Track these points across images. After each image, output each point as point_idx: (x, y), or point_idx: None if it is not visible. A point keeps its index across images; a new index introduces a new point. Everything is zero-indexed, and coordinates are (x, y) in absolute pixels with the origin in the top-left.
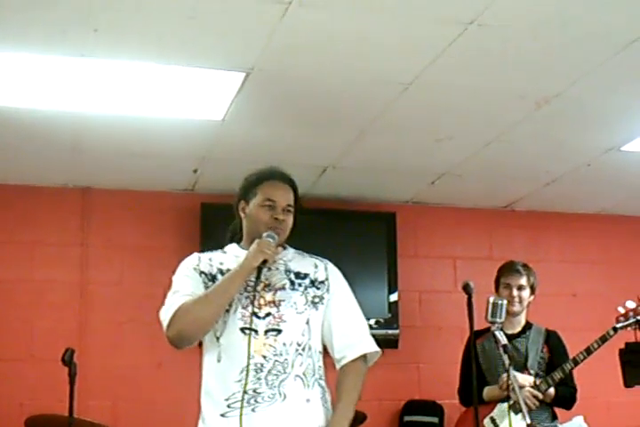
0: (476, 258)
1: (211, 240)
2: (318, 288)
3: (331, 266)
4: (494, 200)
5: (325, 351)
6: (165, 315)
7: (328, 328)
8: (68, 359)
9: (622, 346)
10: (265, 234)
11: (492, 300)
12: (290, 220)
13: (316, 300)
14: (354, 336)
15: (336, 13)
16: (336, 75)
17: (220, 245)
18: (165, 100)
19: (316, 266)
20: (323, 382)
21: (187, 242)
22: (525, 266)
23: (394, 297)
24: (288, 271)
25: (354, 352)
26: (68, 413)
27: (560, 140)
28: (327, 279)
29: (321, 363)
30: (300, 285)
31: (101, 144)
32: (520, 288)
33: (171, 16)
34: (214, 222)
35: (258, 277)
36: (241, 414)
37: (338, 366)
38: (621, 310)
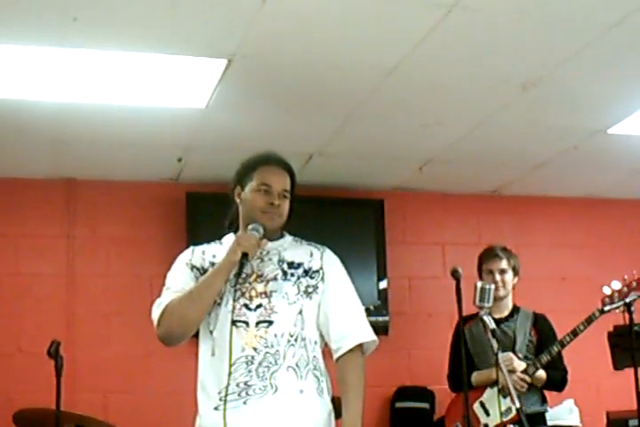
0: (464, 244)
1: (197, 230)
2: (312, 277)
3: (327, 254)
4: (482, 185)
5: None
6: (155, 313)
7: (324, 318)
8: (53, 352)
9: (611, 329)
10: (250, 227)
11: (479, 285)
12: (286, 205)
13: (310, 289)
14: (350, 326)
15: None
16: (319, 60)
17: (206, 234)
18: (147, 88)
19: (312, 254)
20: (318, 373)
21: (172, 232)
22: (504, 249)
23: (383, 284)
24: (281, 261)
25: (349, 342)
26: (56, 406)
27: (546, 123)
28: (322, 268)
29: (317, 353)
30: (292, 275)
31: (84, 134)
32: (502, 272)
33: (151, 3)
34: (200, 212)
35: (239, 273)
36: (225, 409)
37: (335, 357)
38: (607, 291)
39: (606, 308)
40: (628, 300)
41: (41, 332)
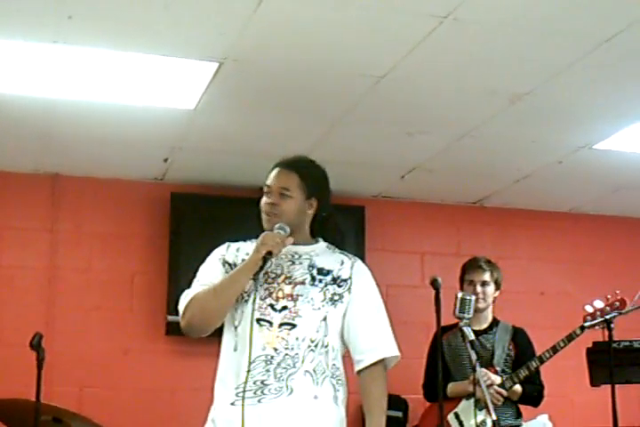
0: (443, 254)
1: (180, 229)
2: (340, 286)
3: (358, 264)
4: (464, 196)
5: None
6: (181, 304)
7: (348, 329)
8: (36, 344)
9: (590, 345)
10: (277, 225)
11: (460, 295)
12: (285, 203)
13: (336, 298)
14: (374, 340)
15: (310, 4)
16: (309, 66)
17: (189, 234)
18: (137, 88)
19: (342, 263)
20: (334, 381)
21: (156, 231)
22: (488, 262)
23: None
24: (311, 267)
25: (373, 356)
26: (35, 398)
27: (532, 137)
28: (350, 278)
29: (337, 361)
30: (320, 281)
31: (72, 131)
32: (484, 284)
33: (145, 4)
34: (184, 212)
35: (261, 268)
36: (243, 405)
37: (356, 369)
38: (589, 310)
39: (586, 324)
40: (607, 317)
41: (20, 324)
